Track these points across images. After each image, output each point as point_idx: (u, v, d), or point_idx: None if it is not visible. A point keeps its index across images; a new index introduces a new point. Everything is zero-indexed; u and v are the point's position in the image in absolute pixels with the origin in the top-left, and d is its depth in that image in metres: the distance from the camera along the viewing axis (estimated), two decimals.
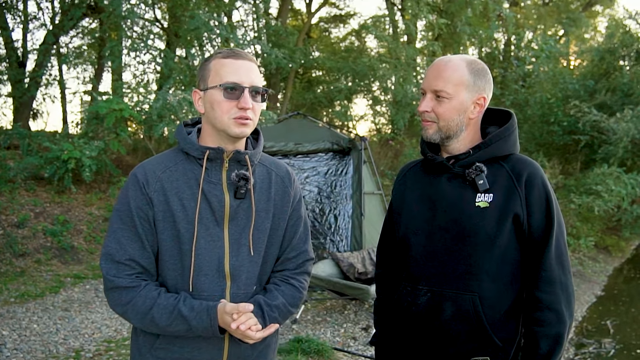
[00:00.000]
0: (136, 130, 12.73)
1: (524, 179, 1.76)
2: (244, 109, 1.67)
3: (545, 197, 1.77)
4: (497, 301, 1.78)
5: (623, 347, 6.08)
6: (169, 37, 13.20)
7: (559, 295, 1.73)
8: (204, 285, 1.69)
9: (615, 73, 13.28)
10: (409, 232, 1.91)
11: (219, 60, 1.71)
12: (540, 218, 1.75)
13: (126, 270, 1.66)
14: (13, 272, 7.22)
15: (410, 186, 1.98)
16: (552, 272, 1.73)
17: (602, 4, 21.51)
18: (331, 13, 21.80)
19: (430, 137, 1.85)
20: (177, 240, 1.68)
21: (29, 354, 4.81)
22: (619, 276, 9.75)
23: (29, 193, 9.03)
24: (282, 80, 17.03)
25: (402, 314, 1.90)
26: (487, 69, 1.87)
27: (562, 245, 1.78)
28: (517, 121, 1.92)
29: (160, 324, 1.64)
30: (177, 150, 1.78)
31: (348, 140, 7.24)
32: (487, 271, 1.77)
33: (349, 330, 5.61)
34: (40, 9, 14.00)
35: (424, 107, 1.82)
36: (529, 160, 1.83)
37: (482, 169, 1.78)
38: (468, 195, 1.80)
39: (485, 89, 1.84)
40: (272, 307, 1.74)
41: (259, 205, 1.77)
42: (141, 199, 1.68)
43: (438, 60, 1.85)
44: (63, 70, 15.75)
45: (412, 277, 1.89)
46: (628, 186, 10.50)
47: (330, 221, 6.99)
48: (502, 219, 1.75)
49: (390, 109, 16.34)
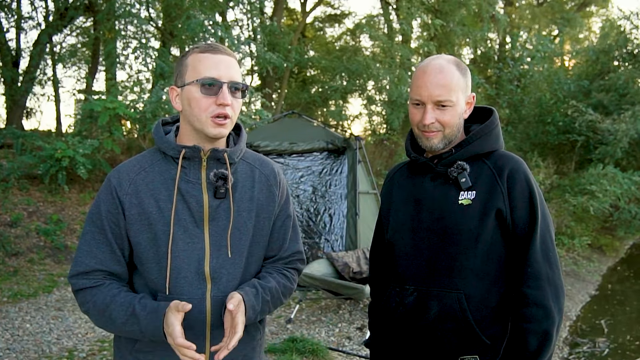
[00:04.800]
0: (130, 129, 12.69)
1: (506, 174, 1.75)
2: (223, 105, 1.60)
3: (529, 192, 1.74)
4: (483, 299, 1.76)
5: (617, 347, 6.09)
6: (163, 36, 13.17)
7: (545, 291, 1.70)
8: (183, 289, 1.63)
9: (610, 73, 13.33)
10: (396, 233, 1.91)
11: (196, 55, 1.64)
12: (524, 213, 1.73)
13: (93, 273, 1.64)
14: (6, 271, 7.18)
15: (397, 188, 1.98)
16: (538, 267, 1.71)
17: (596, 4, 21.61)
18: (326, 12, 21.83)
19: (435, 147, 1.81)
20: (154, 243, 1.63)
21: (21, 353, 4.78)
22: (613, 276, 9.78)
23: (22, 192, 8.98)
24: (277, 80, 17.01)
25: (391, 315, 1.89)
26: (467, 67, 1.86)
27: (549, 239, 1.75)
28: (499, 118, 1.91)
29: (116, 322, 1.59)
30: (155, 150, 1.72)
31: (343, 139, 7.23)
32: (472, 269, 1.75)
33: (344, 330, 5.60)
34: (34, 8, 13.97)
35: (430, 120, 1.77)
36: (511, 155, 1.82)
37: (464, 167, 1.77)
38: (451, 193, 1.79)
39: (470, 86, 1.85)
40: (266, 289, 1.70)
41: (241, 205, 1.71)
42: (111, 203, 1.64)
43: (428, 67, 1.78)
44: (57, 70, 15.71)
45: (400, 278, 1.88)
46: (623, 186, 10.53)
47: (325, 221, 6.98)
48: (485, 215, 1.73)
49: (385, 109, 16.35)
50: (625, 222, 11.04)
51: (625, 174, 10.87)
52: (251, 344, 1.78)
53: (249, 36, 14.35)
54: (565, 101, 12.79)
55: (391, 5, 18.71)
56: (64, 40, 16.28)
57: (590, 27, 22.53)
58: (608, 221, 11.66)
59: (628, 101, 12.18)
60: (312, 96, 18.05)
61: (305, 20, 19.48)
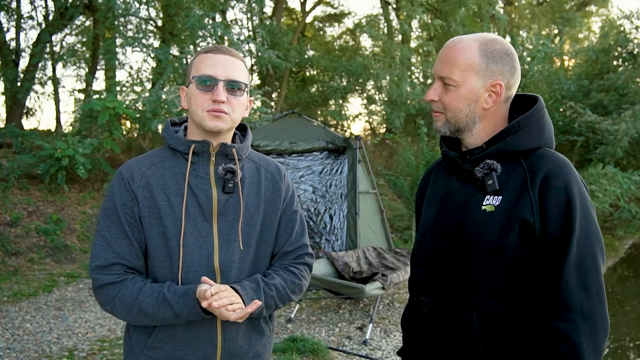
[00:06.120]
0: (130, 128, 12.69)
1: (540, 179, 1.46)
2: (217, 101, 1.64)
3: (566, 202, 1.44)
4: (500, 323, 1.50)
5: (617, 347, 6.09)
6: (163, 35, 13.16)
7: (577, 324, 1.39)
8: (192, 282, 1.66)
9: (610, 73, 13.34)
10: (420, 236, 1.74)
11: (200, 55, 1.71)
12: (557, 228, 1.43)
13: (113, 269, 1.65)
14: (6, 271, 7.18)
15: (432, 184, 1.77)
16: (570, 296, 1.40)
17: (596, 4, 21.63)
18: (326, 12, 21.85)
19: (439, 130, 1.63)
20: (164, 237, 1.66)
21: (22, 353, 4.78)
22: (612, 275, 9.77)
23: (22, 192, 8.97)
24: (277, 80, 17.02)
25: (409, 326, 1.74)
26: (507, 51, 1.57)
27: (589, 263, 1.43)
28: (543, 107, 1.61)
29: (148, 312, 1.62)
30: (164, 147, 1.77)
31: (343, 139, 7.23)
32: (489, 287, 1.51)
33: (344, 330, 5.60)
34: (34, 7, 13.96)
35: (430, 96, 1.60)
36: (553, 156, 1.52)
37: (492, 167, 1.52)
38: (476, 197, 1.55)
39: (503, 74, 1.56)
40: (270, 285, 1.72)
41: (249, 200, 1.75)
42: (126, 195, 1.66)
43: (450, 41, 1.61)
44: (57, 69, 15.71)
45: (418, 286, 1.72)
46: (623, 185, 10.53)
47: (325, 220, 6.98)
48: (508, 226, 1.47)
49: (385, 108, 16.36)
50: (625, 222, 11.04)
51: (625, 174, 10.87)
52: (261, 341, 1.81)
53: (249, 35, 14.34)
54: (563, 102, 12.80)
55: (391, 5, 18.71)
56: (64, 39, 16.28)
57: (590, 27, 22.56)
58: (608, 221, 11.65)
59: (628, 101, 12.19)
60: (312, 96, 18.06)
61: (305, 20, 19.48)
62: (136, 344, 1.73)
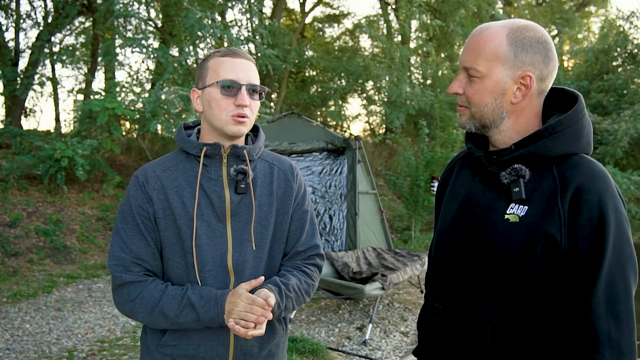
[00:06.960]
0: (129, 129, 12.68)
1: (571, 191, 1.31)
2: (241, 106, 1.68)
3: (599, 220, 1.28)
4: (516, 342, 1.38)
5: None
6: (163, 35, 13.16)
7: (603, 355, 1.27)
8: (207, 281, 1.70)
9: (609, 74, 13.35)
10: (438, 235, 1.63)
11: (217, 58, 1.72)
12: (586, 247, 1.29)
13: (133, 267, 1.68)
14: (5, 271, 7.17)
15: (453, 180, 1.64)
16: (596, 323, 1.28)
17: (595, 4, 21.65)
18: (325, 12, 21.86)
19: (464, 125, 1.50)
20: (178, 238, 1.69)
21: (21, 354, 4.77)
22: None
23: (22, 192, 8.97)
24: (276, 80, 17.02)
25: (423, 330, 1.66)
26: (541, 39, 1.41)
27: (620, 288, 1.29)
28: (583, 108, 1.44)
29: (169, 315, 1.64)
30: (178, 151, 1.80)
31: (342, 139, 7.22)
32: (507, 302, 1.39)
33: (344, 330, 5.60)
34: (33, 8, 13.95)
35: (454, 89, 1.47)
36: (590, 165, 1.36)
37: (520, 173, 1.37)
38: (500, 203, 1.42)
39: (534, 64, 1.39)
40: (289, 286, 1.74)
41: (261, 200, 1.77)
42: (141, 197, 1.70)
43: (477, 28, 1.47)
44: (56, 69, 15.69)
45: (433, 291, 1.62)
46: (623, 185, 10.54)
47: (325, 221, 6.98)
48: (532, 240, 1.33)
49: (385, 109, 16.36)
50: None
51: (624, 174, 10.89)
52: (274, 340, 1.84)
53: (249, 35, 14.35)
54: None
55: (390, 6, 18.71)
56: (63, 39, 16.27)
57: (590, 28, 22.59)
58: None
59: (627, 101, 12.20)
60: (312, 96, 18.06)
61: (304, 21, 19.49)
62: (151, 342, 1.76)
